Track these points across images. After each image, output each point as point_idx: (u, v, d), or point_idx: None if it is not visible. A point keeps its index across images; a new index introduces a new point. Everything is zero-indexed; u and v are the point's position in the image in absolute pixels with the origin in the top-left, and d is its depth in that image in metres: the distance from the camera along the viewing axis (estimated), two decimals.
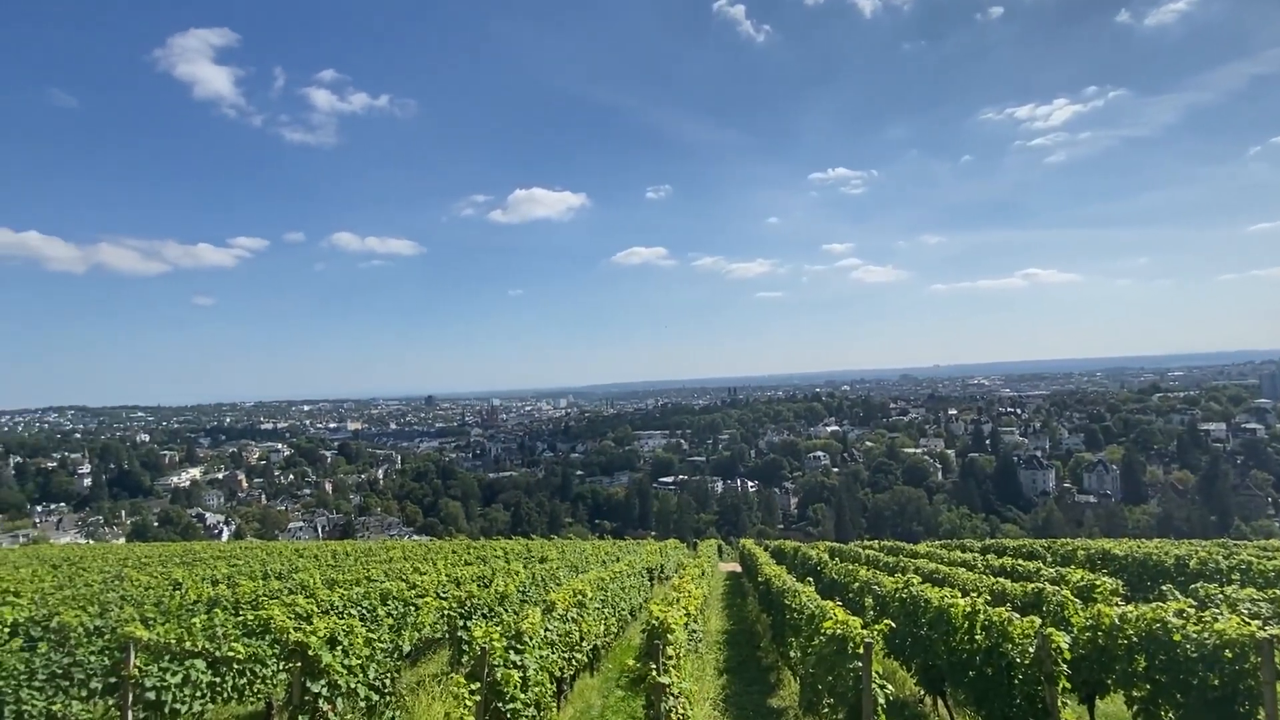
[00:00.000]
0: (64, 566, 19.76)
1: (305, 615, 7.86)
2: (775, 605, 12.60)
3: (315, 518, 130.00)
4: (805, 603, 9.28)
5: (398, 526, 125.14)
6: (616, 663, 11.61)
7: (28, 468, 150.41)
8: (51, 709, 6.05)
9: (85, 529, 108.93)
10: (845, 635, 6.96)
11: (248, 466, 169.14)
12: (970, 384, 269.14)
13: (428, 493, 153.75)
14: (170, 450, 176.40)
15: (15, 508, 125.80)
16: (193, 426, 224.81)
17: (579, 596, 9.37)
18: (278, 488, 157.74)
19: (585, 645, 9.41)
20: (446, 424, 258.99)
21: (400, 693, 7.12)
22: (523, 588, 12.14)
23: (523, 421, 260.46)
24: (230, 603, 10.07)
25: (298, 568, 17.84)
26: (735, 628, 16.40)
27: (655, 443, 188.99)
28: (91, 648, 6.48)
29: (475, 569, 15.06)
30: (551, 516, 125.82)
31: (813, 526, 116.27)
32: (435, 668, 10.10)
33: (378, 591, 9.76)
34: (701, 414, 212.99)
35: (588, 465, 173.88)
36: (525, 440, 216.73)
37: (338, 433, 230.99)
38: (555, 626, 7.85)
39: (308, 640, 5.57)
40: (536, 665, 6.52)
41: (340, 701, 5.81)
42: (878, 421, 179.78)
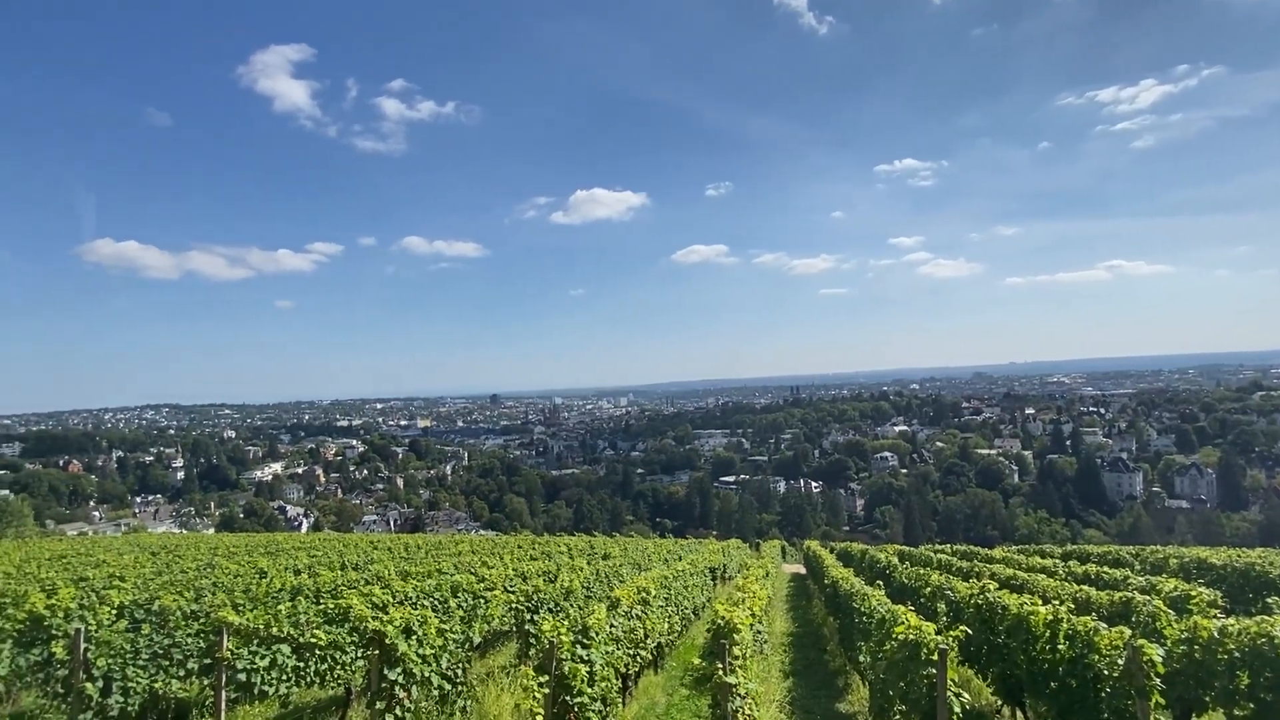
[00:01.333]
0: (161, 554, 21.13)
1: (381, 605, 8.16)
2: (843, 608, 12.34)
3: (387, 511, 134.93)
4: (875, 607, 9.05)
5: (465, 521, 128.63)
6: (680, 661, 11.60)
7: (128, 461, 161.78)
8: (154, 686, 6.48)
9: (178, 519, 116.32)
10: (918, 641, 6.75)
11: (325, 462, 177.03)
12: (1049, 382, 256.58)
13: (493, 489, 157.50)
14: (254, 446, 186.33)
15: (117, 498, 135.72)
16: (274, 423, 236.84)
17: (643, 594, 9.40)
18: (353, 482, 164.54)
19: (649, 642, 9.44)
20: (511, 422, 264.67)
21: (471, 683, 7.30)
22: (587, 584, 12.28)
23: (584, 420, 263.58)
24: (311, 591, 10.56)
25: (373, 559, 18.56)
26: (800, 630, 16.14)
27: (716, 442, 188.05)
28: (188, 630, 6.91)
29: (540, 564, 15.33)
30: (613, 514, 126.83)
31: (880, 529, 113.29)
32: (503, 659, 10.32)
33: (448, 584, 10.04)
34: (763, 413, 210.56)
35: (648, 464, 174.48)
36: (586, 438, 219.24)
37: (408, 430, 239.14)
38: (620, 623, 7.90)
39: (385, 629, 5.78)
40: (603, 661, 6.58)
41: (415, 689, 6.01)
42: (949, 421, 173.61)
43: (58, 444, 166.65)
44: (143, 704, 6.41)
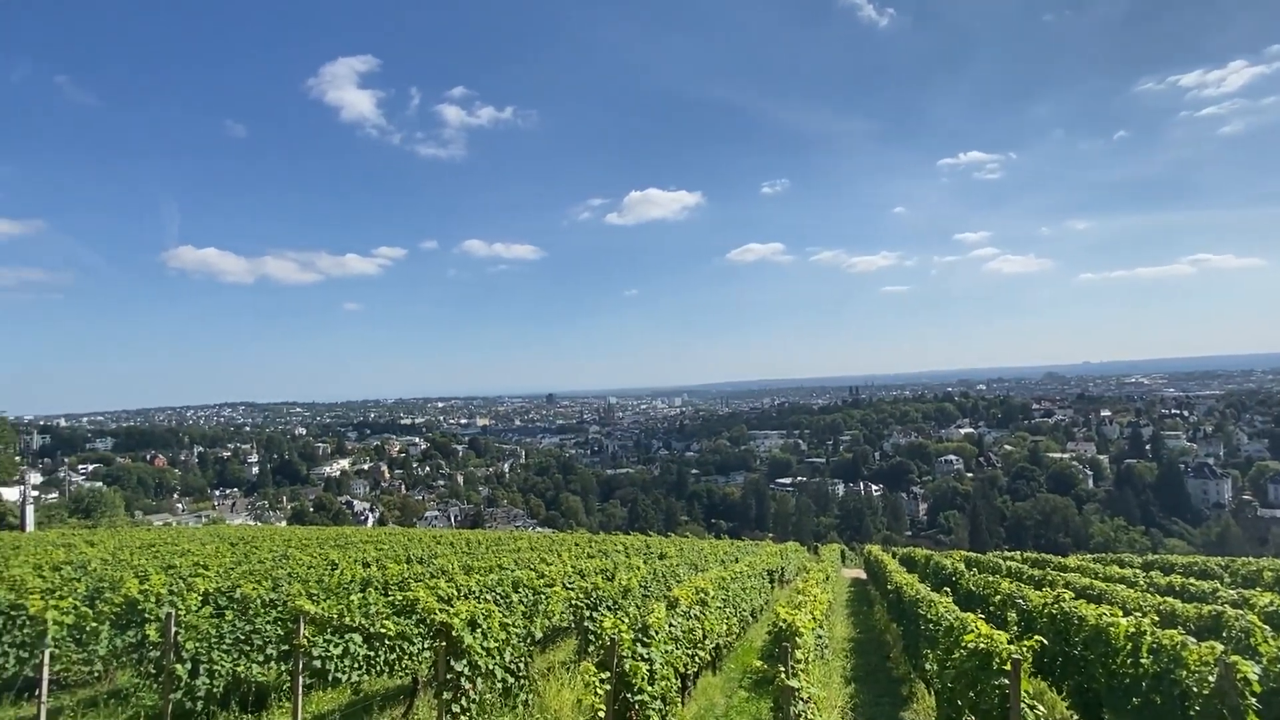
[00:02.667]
0: (239, 545, 22.22)
1: (446, 598, 8.38)
2: (907, 615, 12.01)
3: (449, 507, 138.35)
4: (943, 613, 8.78)
5: (522, 518, 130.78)
6: (739, 663, 11.51)
7: (208, 457, 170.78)
8: (236, 670, 6.82)
9: (253, 512, 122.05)
10: (990, 650, 6.52)
11: (389, 458, 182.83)
12: (1126, 382, 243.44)
13: (549, 487, 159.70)
14: (323, 443, 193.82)
15: (198, 491, 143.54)
16: (342, 421, 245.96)
17: (701, 594, 9.37)
18: (415, 479, 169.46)
19: (708, 643, 9.40)
20: (566, 421, 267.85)
21: (532, 677, 7.42)
22: (644, 583, 12.31)
23: (638, 419, 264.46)
24: (380, 583, 10.93)
25: (436, 554, 19.07)
26: (862, 636, 15.79)
27: (772, 443, 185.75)
28: (267, 618, 7.24)
29: (598, 562, 15.45)
30: (667, 514, 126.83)
31: (944, 534, 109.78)
32: (563, 655, 10.45)
33: (509, 579, 10.24)
34: (821, 414, 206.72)
35: (703, 464, 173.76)
36: (641, 438, 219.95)
37: (468, 428, 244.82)
38: (679, 623, 7.90)
39: (451, 621, 5.93)
40: (662, 660, 6.59)
41: (479, 681, 6.14)
42: (1018, 423, 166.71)
43: (145, 439, 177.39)
44: (226, 686, 6.76)
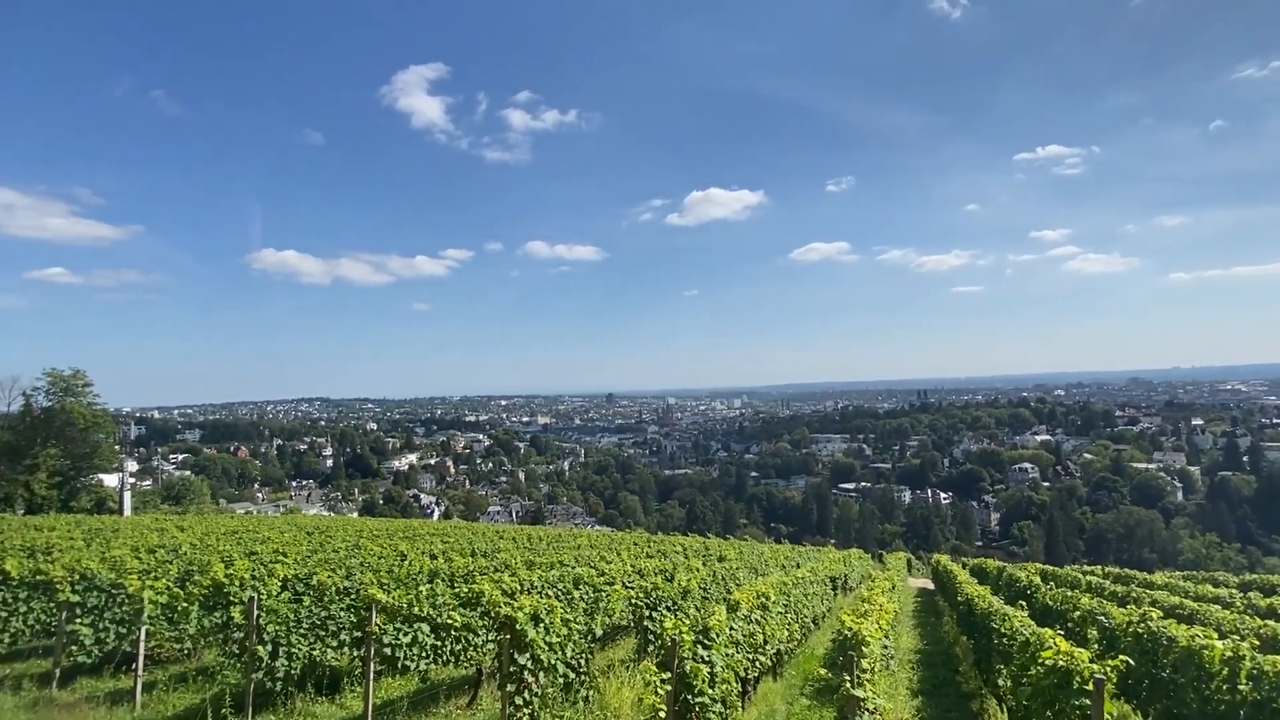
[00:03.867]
0: (315, 534, 23.24)
1: (510, 592, 8.54)
2: (978, 628, 11.55)
3: (510, 503, 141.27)
4: (1018, 628, 8.40)
5: (581, 516, 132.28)
6: (800, 670, 11.31)
7: (286, 449, 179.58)
8: (312, 653, 7.13)
9: (327, 502, 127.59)
10: (1069, 668, 6.20)
11: (454, 454, 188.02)
12: (1221, 389, 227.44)
13: (608, 486, 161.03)
14: (393, 438, 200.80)
15: (277, 482, 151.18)
16: (411, 417, 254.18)
17: (762, 599, 9.25)
18: (479, 474, 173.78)
19: (769, 648, 9.27)
20: (625, 421, 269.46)
21: (593, 673, 7.48)
22: (704, 585, 12.25)
23: (697, 420, 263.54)
24: (446, 575, 11.24)
25: (500, 548, 19.48)
26: (930, 648, 15.28)
27: (834, 446, 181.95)
28: (340, 605, 7.55)
29: (656, 562, 15.46)
30: (726, 516, 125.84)
31: (1017, 546, 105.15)
32: (622, 654, 10.50)
33: (570, 576, 10.35)
34: (886, 418, 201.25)
35: (762, 467, 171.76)
36: (699, 439, 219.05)
37: (529, 426, 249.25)
38: (740, 626, 7.81)
39: (515, 615, 6.03)
40: (723, 663, 6.54)
41: (542, 675, 6.23)
42: (1099, 431, 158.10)
43: (229, 432, 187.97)
44: (303, 669, 7.08)
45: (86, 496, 46.39)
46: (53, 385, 46.85)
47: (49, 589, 8.12)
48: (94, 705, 6.86)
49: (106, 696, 7.12)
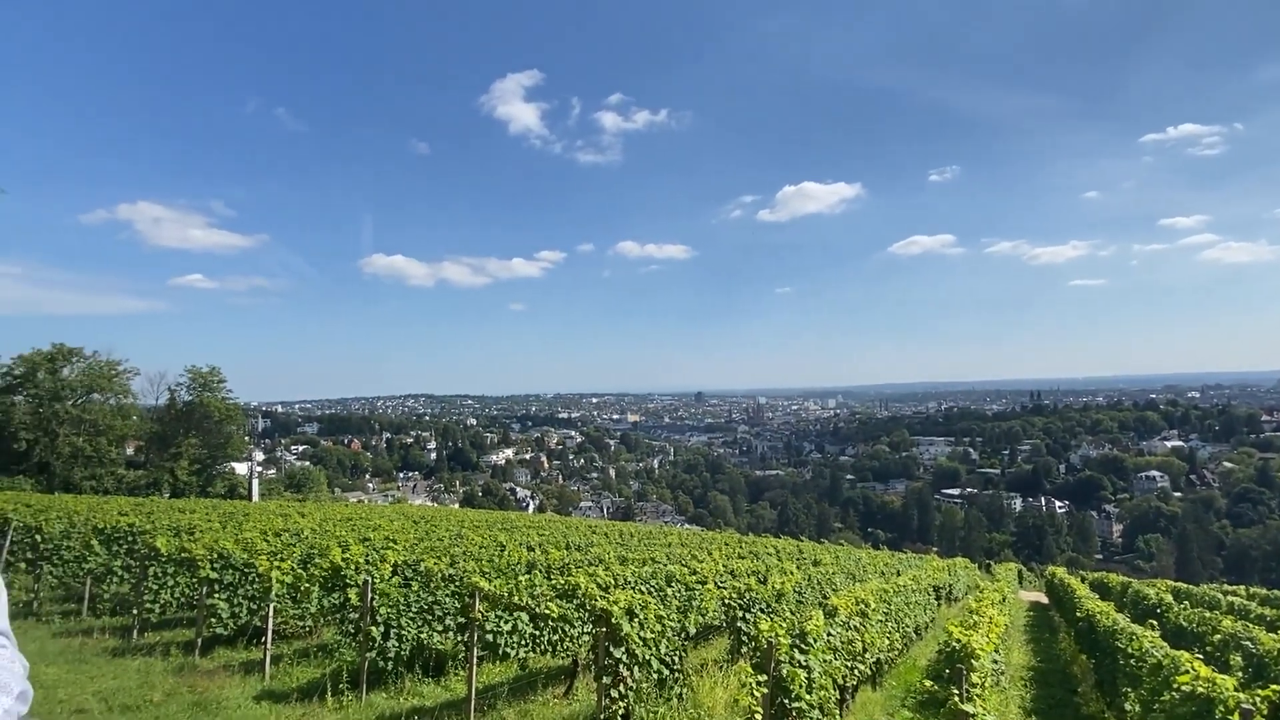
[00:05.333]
0: (421, 523, 24.46)
1: (604, 586, 8.66)
2: (1100, 647, 10.71)
3: (601, 499, 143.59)
4: (1148, 649, 7.72)
5: (670, 514, 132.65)
6: (901, 681, 10.86)
7: (394, 442, 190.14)
8: (420, 636, 7.49)
9: (431, 493, 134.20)
10: (1211, 695, 5.64)
11: (548, 450, 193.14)
12: None
13: (697, 485, 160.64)
14: (491, 433, 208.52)
15: (386, 473, 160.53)
16: (507, 414, 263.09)
17: (861, 605, 8.94)
18: (571, 470, 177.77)
19: (868, 657, 8.95)
20: (714, 420, 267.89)
21: (686, 671, 7.46)
22: (799, 588, 11.98)
23: (789, 420, 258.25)
24: (543, 567, 11.54)
25: (593, 543, 19.81)
26: (1043, 665, 14.31)
27: (937, 450, 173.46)
28: (446, 591, 7.89)
29: (749, 563, 15.26)
30: (819, 520, 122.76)
31: (1143, 560, 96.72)
32: (714, 654, 10.43)
33: (663, 573, 10.38)
34: (995, 420, 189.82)
35: (859, 469, 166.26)
36: (792, 439, 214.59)
37: (619, 424, 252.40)
38: (838, 632, 7.58)
39: (611, 609, 6.10)
40: (821, 669, 6.36)
41: (636, 670, 6.27)
42: (1242, 437, 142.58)
43: (343, 425, 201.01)
44: (411, 650, 7.45)
45: (221, 483, 50.85)
46: (193, 381, 51.70)
47: (192, 566, 8.94)
48: (230, 674, 7.48)
49: (240, 666, 7.76)
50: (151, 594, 8.96)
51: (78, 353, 46.85)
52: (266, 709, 6.31)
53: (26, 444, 42.67)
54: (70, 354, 46.43)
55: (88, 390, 46.74)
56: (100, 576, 10.34)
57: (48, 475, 43.25)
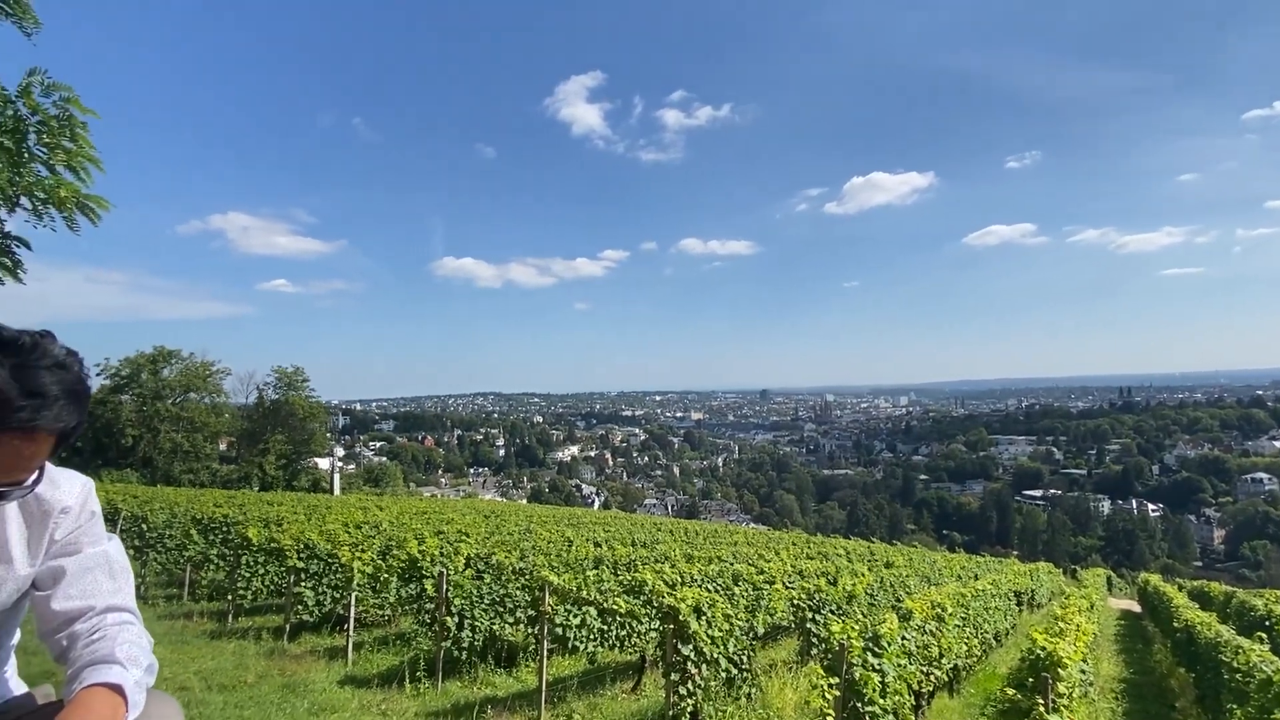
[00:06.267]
0: (491, 517, 25.09)
1: (671, 583, 8.67)
2: (1201, 659, 10.02)
3: (665, 496, 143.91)
4: (1256, 663, 7.18)
5: (735, 513, 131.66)
6: (979, 689, 10.44)
7: (465, 439, 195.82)
8: (492, 627, 7.68)
9: (500, 489, 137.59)
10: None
11: (612, 447, 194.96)
12: None
13: (763, 484, 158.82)
14: (556, 430, 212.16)
15: (457, 469, 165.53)
16: (572, 411, 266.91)
17: (937, 609, 8.63)
18: (635, 467, 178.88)
19: (944, 662, 8.64)
20: (780, 418, 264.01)
21: (755, 671, 7.39)
22: (870, 590, 11.68)
23: (858, 418, 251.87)
24: (610, 563, 11.65)
25: (659, 540, 19.88)
26: (1136, 677, 13.49)
27: (1018, 449, 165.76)
28: (516, 584, 8.06)
29: (818, 564, 14.98)
30: (891, 521, 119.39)
31: (1249, 569, 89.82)
32: (783, 654, 10.28)
33: (729, 572, 10.31)
34: (1080, 418, 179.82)
35: (933, 469, 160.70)
36: (861, 438, 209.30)
37: (683, 421, 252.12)
38: (913, 636, 7.35)
39: (678, 606, 6.10)
40: (895, 673, 6.19)
41: (704, 668, 6.25)
42: None
43: (417, 423, 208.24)
44: (484, 641, 7.65)
45: (305, 477, 53.53)
46: (279, 381, 54.62)
47: (280, 555, 9.44)
48: (315, 658, 7.86)
49: (325, 652, 8.14)
50: (244, 581, 9.52)
51: (176, 355, 50.25)
52: (349, 693, 6.60)
53: (132, 440, 46.05)
54: (170, 356, 49.85)
55: (185, 390, 50.06)
56: (199, 564, 11.05)
57: (151, 469, 46.57)
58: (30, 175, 4.19)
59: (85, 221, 4.43)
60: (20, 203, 4.29)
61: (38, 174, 4.25)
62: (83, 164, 4.34)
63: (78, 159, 4.29)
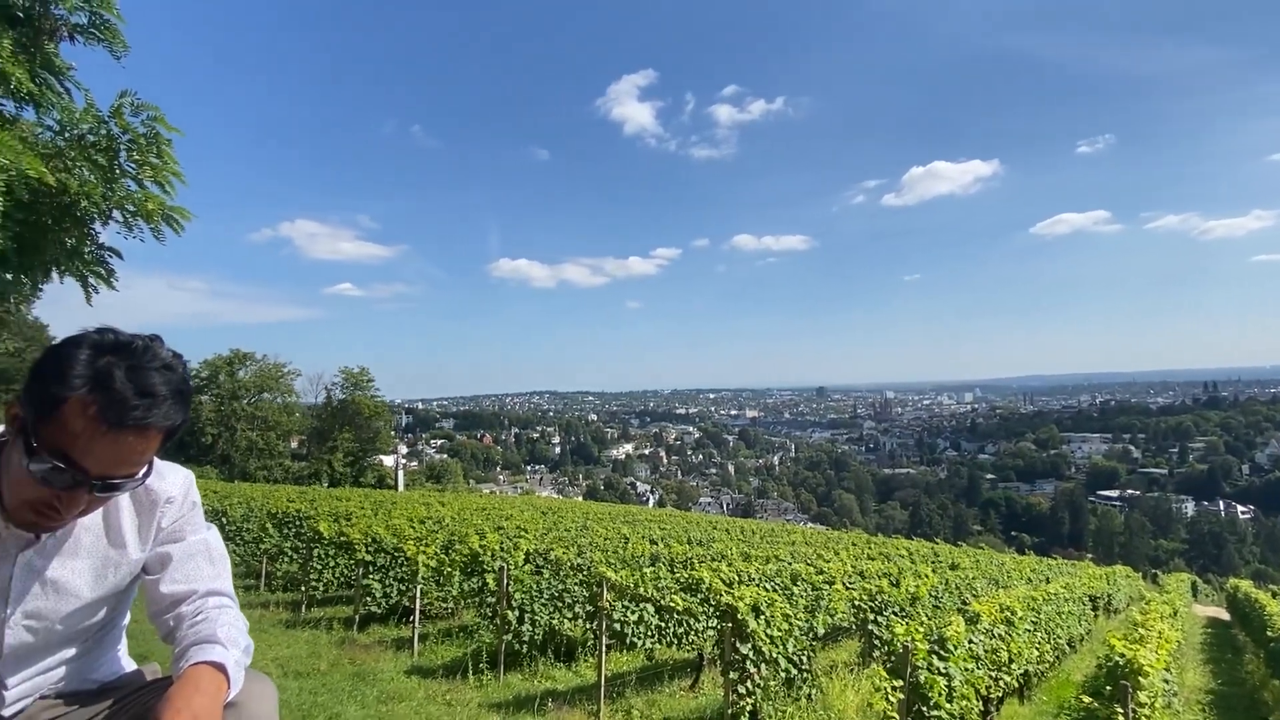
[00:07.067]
0: (548, 514, 25.46)
1: (729, 582, 8.63)
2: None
3: (720, 495, 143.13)
4: None
5: (792, 512, 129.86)
6: (1052, 696, 10.04)
7: (522, 437, 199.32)
8: (551, 622, 7.80)
9: (556, 486, 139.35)
10: None
11: (666, 445, 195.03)
12: None
13: (820, 483, 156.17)
14: (610, 428, 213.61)
15: (514, 466, 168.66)
16: (626, 409, 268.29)
17: (1006, 613, 8.33)
18: (689, 465, 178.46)
19: (1014, 668, 8.33)
20: (838, 415, 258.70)
21: (815, 672, 7.29)
22: (935, 592, 11.35)
23: (920, 416, 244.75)
24: (666, 560, 11.68)
25: (714, 538, 19.80)
26: (1225, 689, 12.73)
27: (1092, 447, 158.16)
28: (574, 579, 8.16)
29: (879, 565, 14.65)
30: (956, 521, 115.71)
31: None
32: (843, 656, 10.10)
33: (788, 572, 10.19)
34: (1160, 415, 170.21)
35: (999, 468, 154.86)
36: (923, 436, 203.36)
37: (737, 420, 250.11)
38: (980, 640, 7.12)
39: (736, 605, 6.07)
40: (962, 677, 6.00)
41: (764, 667, 6.20)
42: None
43: (475, 421, 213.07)
44: (544, 635, 7.77)
45: (371, 474, 55.43)
46: (345, 381, 56.70)
47: (349, 548, 9.81)
48: (383, 648, 8.14)
49: (392, 642, 8.42)
50: (316, 573, 9.93)
51: (251, 357, 52.80)
52: (416, 683, 6.80)
53: (211, 438, 48.62)
54: (245, 358, 52.43)
55: (259, 390, 52.53)
56: (274, 556, 11.58)
57: (228, 465, 49.06)
58: (121, 190, 4.48)
59: (169, 232, 4.71)
60: (113, 216, 4.59)
61: (128, 189, 4.54)
62: (167, 178, 4.62)
63: (163, 174, 4.57)
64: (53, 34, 4.30)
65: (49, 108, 4.34)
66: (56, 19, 4.24)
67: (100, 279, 4.80)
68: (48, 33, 4.28)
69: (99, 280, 4.79)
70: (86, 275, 4.70)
